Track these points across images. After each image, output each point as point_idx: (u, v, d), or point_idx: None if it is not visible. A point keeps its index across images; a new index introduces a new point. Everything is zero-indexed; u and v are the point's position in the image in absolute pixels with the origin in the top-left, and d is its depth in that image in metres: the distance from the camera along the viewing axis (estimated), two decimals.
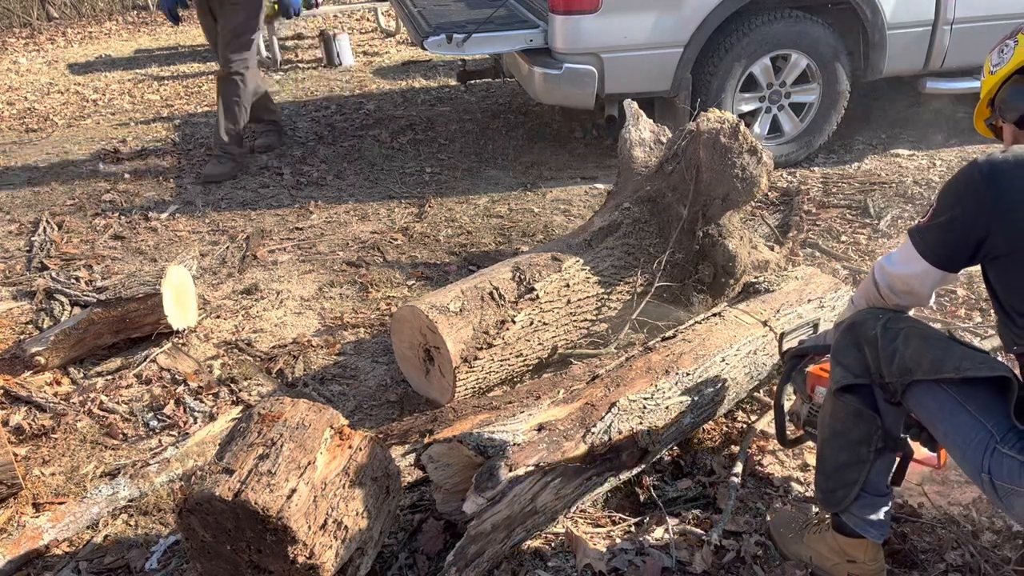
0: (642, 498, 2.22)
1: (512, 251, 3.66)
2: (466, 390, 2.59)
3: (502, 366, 2.65)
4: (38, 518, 2.24)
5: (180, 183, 4.70)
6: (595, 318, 2.86)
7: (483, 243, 3.83)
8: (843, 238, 3.71)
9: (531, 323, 2.67)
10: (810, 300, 2.66)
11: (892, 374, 1.68)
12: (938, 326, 2.84)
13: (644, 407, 2.16)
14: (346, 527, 1.75)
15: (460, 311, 2.56)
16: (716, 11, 4.04)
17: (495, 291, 2.64)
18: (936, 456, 1.92)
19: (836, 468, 1.82)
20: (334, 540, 1.72)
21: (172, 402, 2.75)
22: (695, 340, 2.42)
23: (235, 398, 2.77)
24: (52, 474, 2.44)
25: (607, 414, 2.10)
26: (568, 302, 2.76)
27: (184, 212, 4.31)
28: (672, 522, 2.11)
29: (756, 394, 2.59)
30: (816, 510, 2.13)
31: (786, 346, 2.20)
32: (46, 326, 3.13)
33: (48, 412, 2.70)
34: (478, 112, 5.86)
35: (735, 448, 2.41)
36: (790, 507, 2.18)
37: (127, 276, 3.32)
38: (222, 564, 1.76)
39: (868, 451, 1.76)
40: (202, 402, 2.76)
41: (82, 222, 4.19)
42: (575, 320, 2.80)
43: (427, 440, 2.08)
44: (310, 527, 1.67)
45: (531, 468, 1.93)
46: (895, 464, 1.83)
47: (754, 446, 2.40)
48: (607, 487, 2.16)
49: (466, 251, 3.76)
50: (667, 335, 2.47)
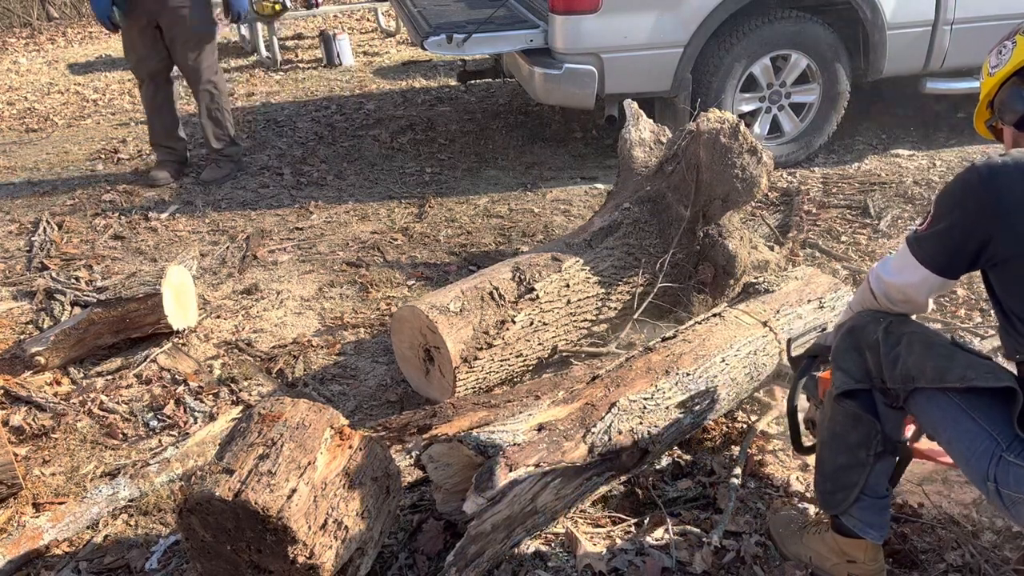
0: (642, 498, 2.22)
1: (512, 251, 3.66)
2: (466, 390, 2.59)
3: (502, 366, 2.65)
4: (38, 518, 2.24)
5: (180, 183, 4.70)
6: (595, 318, 2.86)
7: (483, 243, 3.83)
8: (843, 238, 3.71)
9: (531, 323, 2.67)
10: (810, 300, 2.66)
11: (895, 380, 1.67)
12: (938, 327, 2.84)
13: (644, 407, 2.16)
14: (346, 527, 1.75)
15: (460, 311, 2.56)
16: (716, 11, 4.05)
17: (495, 291, 2.64)
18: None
19: (835, 471, 1.82)
20: (334, 540, 1.72)
21: (172, 402, 2.75)
22: (695, 340, 2.42)
23: (235, 398, 2.77)
24: (52, 474, 2.44)
25: (607, 414, 2.10)
26: (568, 302, 2.76)
27: (184, 212, 4.31)
28: (672, 522, 2.11)
29: (756, 394, 2.59)
30: (816, 510, 2.13)
31: (795, 351, 2.17)
32: (46, 326, 3.13)
33: (48, 412, 2.70)
34: (478, 112, 5.86)
35: (735, 448, 2.41)
36: (790, 507, 2.18)
37: (127, 276, 3.32)
38: (222, 564, 1.76)
39: (868, 455, 1.75)
40: (202, 402, 2.76)
41: (82, 222, 4.19)
42: (575, 320, 2.80)
43: (426, 437, 2.08)
44: (310, 527, 1.67)
45: (531, 468, 1.93)
46: (895, 466, 1.82)
47: (754, 446, 2.40)
48: (607, 487, 2.16)
49: (466, 251, 3.76)
50: (667, 335, 2.47)
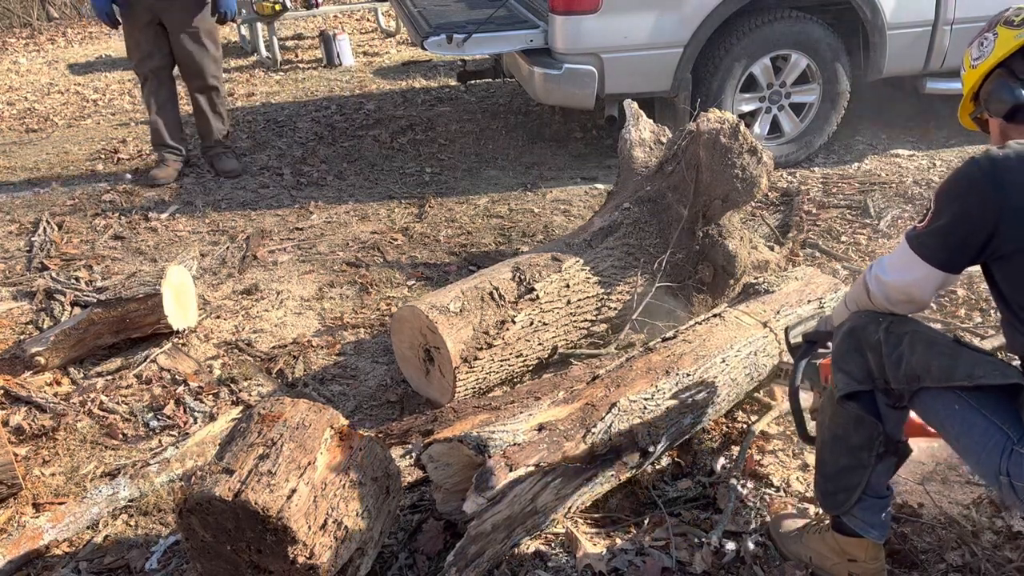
0: (642, 498, 2.22)
1: (512, 251, 3.66)
2: (466, 390, 2.59)
3: (502, 366, 2.65)
4: (38, 518, 2.24)
5: (180, 183, 4.70)
6: (595, 318, 2.86)
7: (483, 243, 3.83)
8: (843, 238, 3.71)
9: (531, 323, 2.67)
10: (810, 301, 2.66)
11: (899, 380, 1.66)
12: (938, 327, 2.84)
13: (644, 407, 2.16)
14: (346, 527, 1.75)
15: (460, 311, 2.56)
16: (716, 11, 4.04)
17: (495, 291, 2.64)
18: None
19: (837, 472, 1.81)
20: (334, 540, 1.72)
21: (172, 402, 2.75)
22: (695, 341, 2.42)
23: (235, 398, 2.77)
24: (52, 474, 2.44)
25: (607, 414, 2.10)
26: (568, 302, 2.76)
27: (184, 212, 4.31)
28: (672, 522, 2.11)
29: (756, 394, 2.59)
30: (816, 510, 2.13)
31: (793, 340, 2.14)
32: (46, 326, 3.13)
33: (48, 412, 2.70)
34: (478, 112, 5.86)
35: (735, 448, 2.41)
36: (790, 507, 2.18)
37: (127, 276, 3.32)
38: (222, 564, 1.76)
39: (869, 456, 1.75)
40: (202, 402, 2.76)
41: (82, 222, 4.19)
42: (575, 320, 2.80)
43: (427, 440, 2.08)
44: (310, 527, 1.67)
45: (531, 468, 1.93)
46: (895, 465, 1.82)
47: (754, 446, 2.40)
48: (607, 487, 2.16)
49: (466, 251, 3.76)
50: (667, 336, 2.47)
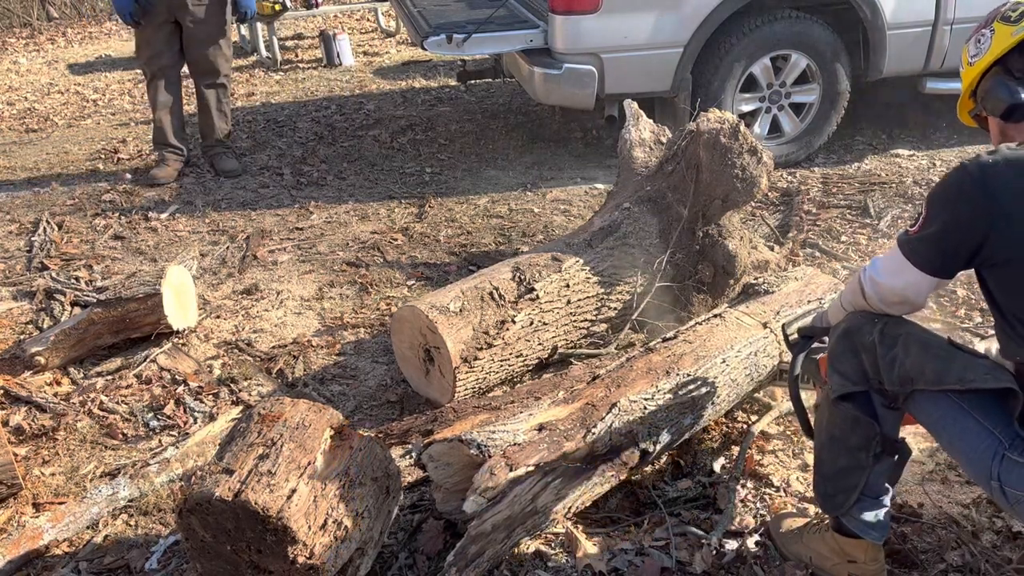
0: (642, 498, 2.22)
1: (512, 251, 3.66)
2: (466, 390, 2.59)
3: (502, 366, 2.65)
4: (38, 518, 2.24)
5: (180, 183, 4.70)
6: (595, 318, 2.86)
7: (483, 243, 3.83)
8: (843, 238, 3.71)
9: (531, 323, 2.67)
10: (810, 301, 2.65)
11: (892, 382, 1.66)
12: (938, 326, 2.84)
13: (645, 408, 2.16)
14: (346, 527, 1.75)
15: (460, 311, 2.56)
16: (716, 11, 4.05)
17: (495, 291, 2.64)
18: None
19: (836, 473, 1.81)
20: (334, 540, 1.72)
21: (172, 402, 2.75)
22: (696, 341, 2.42)
23: (235, 398, 2.77)
24: (52, 474, 2.44)
25: (608, 415, 2.10)
26: (568, 302, 2.76)
27: (184, 212, 4.31)
28: (672, 522, 2.11)
29: (756, 394, 2.59)
30: (815, 510, 2.13)
31: (790, 336, 2.10)
32: (46, 326, 3.12)
33: (48, 412, 2.69)
34: (478, 112, 5.86)
35: (735, 448, 2.41)
36: (790, 506, 2.18)
37: (127, 276, 3.32)
38: (222, 564, 1.76)
39: (867, 456, 1.75)
40: (202, 402, 2.76)
41: (82, 222, 4.19)
42: (575, 320, 2.80)
43: (427, 440, 2.08)
44: (310, 527, 1.67)
45: (531, 468, 1.92)
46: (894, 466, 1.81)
47: (754, 446, 2.40)
48: (607, 487, 2.16)
49: (466, 251, 3.76)
50: (668, 336, 2.47)
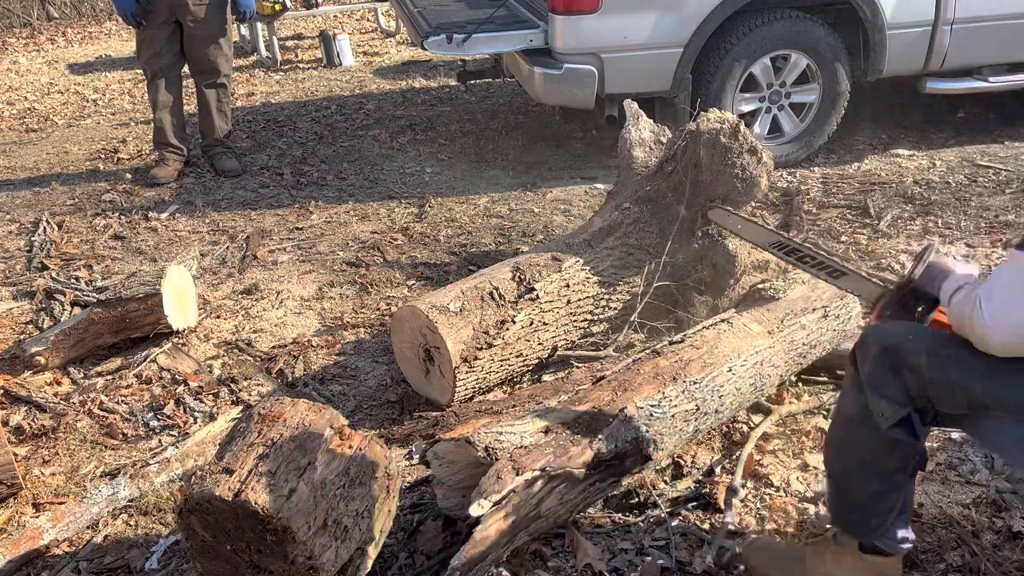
0: (642, 498, 2.22)
1: (512, 251, 3.66)
2: (466, 390, 2.59)
3: (502, 366, 2.65)
4: (38, 518, 2.24)
5: (180, 183, 4.70)
6: (595, 318, 2.86)
7: (483, 243, 3.83)
8: (843, 238, 3.71)
9: (531, 323, 2.67)
10: (814, 309, 2.64)
11: (956, 406, 1.54)
12: None
13: (651, 414, 2.15)
14: (346, 527, 1.74)
15: (460, 311, 2.56)
16: (716, 11, 4.04)
17: (495, 291, 2.64)
18: None
19: (869, 498, 1.70)
20: (334, 540, 1.72)
21: (172, 402, 2.75)
22: (703, 347, 2.40)
23: (235, 398, 2.77)
24: (52, 474, 2.44)
25: (614, 420, 2.09)
26: (568, 302, 2.76)
27: (184, 212, 4.32)
28: (672, 522, 2.11)
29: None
30: (805, 538, 2.04)
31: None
32: (46, 326, 3.12)
33: (48, 412, 2.70)
34: (478, 112, 5.86)
35: (736, 448, 2.41)
36: (762, 536, 2.09)
37: (127, 276, 3.32)
38: (222, 564, 1.76)
39: (904, 476, 1.67)
40: (202, 402, 2.76)
41: (82, 222, 4.19)
42: (575, 320, 2.80)
43: (431, 440, 2.08)
44: (310, 527, 1.67)
45: (537, 473, 1.92)
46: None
47: (754, 446, 2.40)
48: (610, 492, 2.16)
49: (466, 251, 3.76)
50: (675, 339, 2.45)
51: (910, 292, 1.73)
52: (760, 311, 2.62)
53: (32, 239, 3.98)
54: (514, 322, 2.62)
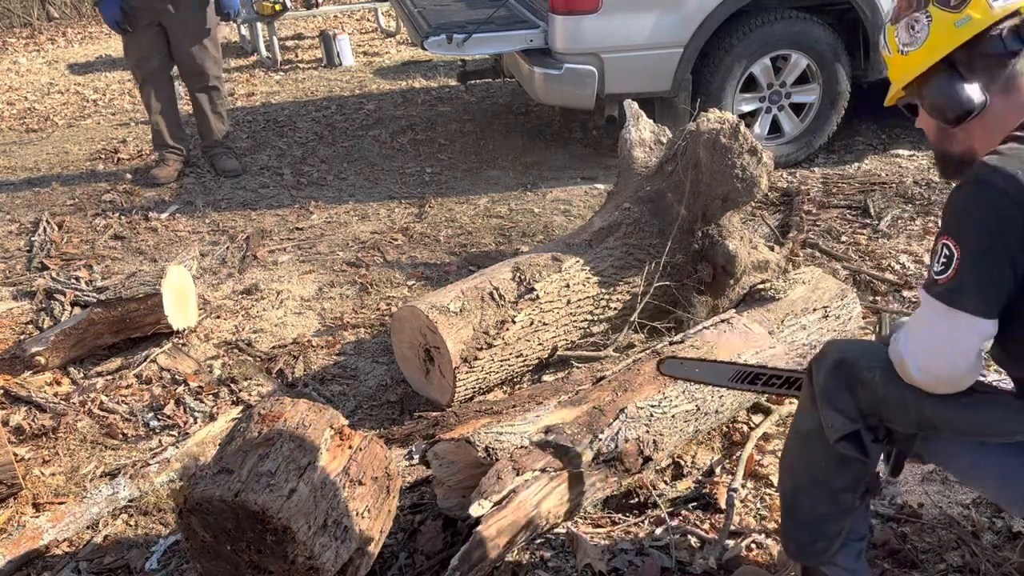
0: (642, 498, 2.22)
1: (512, 251, 3.66)
2: (466, 390, 2.59)
3: (502, 366, 2.65)
4: (38, 518, 2.24)
5: (180, 183, 4.70)
6: (595, 318, 2.86)
7: (483, 243, 3.83)
8: (843, 238, 3.71)
9: (531, 323, 2.67)
10: (815, 310, 2.63)
11: (908, 426, 1.50)
12: None
13: (651, 415, 2.16)
14: (346, 527, 1.75)
15: (460, 311, 2.56)
16: (716, 11, 4.04)
17: (495, 291, 2.64)
18: None
19: (817, 520, 1.65)
20: (334, 540, 1.72)
21: (172, 402, 2.75)
22: (703, 348, 2.40)
23: (235, 398, 2.77)
24: (52, 474, 2.44)
25: (615, 420, 2.09)
26: (568, 302, 2.76)
27: (184, 212, 4.32)
28: (672, 522, 2.11)
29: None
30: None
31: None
32: (46, 326, 3.12)
33: (48, 412, 2.70)
34: (478, 112, 5.86)
35: (736, 449, 2.41)
36: (753, 565, 2.03)
37: (127, 276, 3.31)
38: (222, 564, 1.76)
39: (853, 498, 1.61)
40: (202, 402, 2.76)
41: (82, 222, 4.19)
42: (575, 320, 2.80)
43: (431, 441, 2.08)
44: (310, 527, 1.67)
45: (538, 473, 1.92)
46: (891, 460, 1.64)
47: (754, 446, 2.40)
48: (609, 492, 2.16)
49: (466, 251, 3.76)
50: (675, 339, 2.45)
51: None
52: (760, 311, 2.62)
53: (32, 239, 3.98)
54: (514, 322, 2.62)
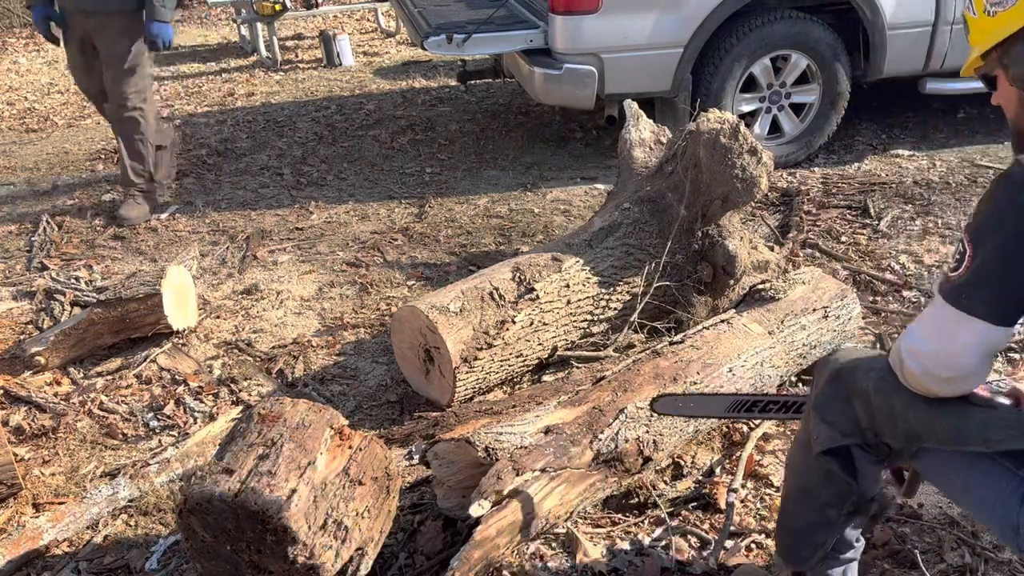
0: (642, 498, 2.23)
1: (512, 251, 3.66)
2: (466, 390, 2.59)
3: (502, 366, 2.65)
4: (38, 518, 2.24)
5: (180, 183, 4.70)
6: (595, 318, 2.86)
7: (483, 243, 3.83)
8: (843, 238, 3.71)
9: (531, 323, 2.67)
10: (815, 310, 2.63)
11: (896, 438, 1.45)
12: None
13: (651, 415, 2.16)
14: (346, 527, 1.75)
15: (460, 311, 2.56)
16: (716, 11, 4.04)
17: (495, 291, 2.64)
18: None
19: (802, 527, 1.65)
20: (334, 540, 1.72)
21: (172, 402, 2.75)
22: (703, 348, 2.40)
23: (235, 398, 2.77)
24: (52, 474, 2.44)
25: (615, 421, 2.09)
26: (568, 302, 2.76)
27: (184, 212, 4.32)
28: (672, 522, 2.11)
29: None
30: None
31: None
32: (46, 326, 3.12)
33: (48, 412, 2.70)
34: (478, 112, 5.86)
35: (736, 449, 2.41)
36: (753, 564, 2.03)
37: (127, 276, 3.32)
38: (222, 564, 1.76)
39: (838, 515, 1.58)
40: (202, 402, 2.76)
41: (82, 222, 4.19)
42: (575, 320, 2.80)
43: (431, 441, 2.08)
44: (310, 527, 1.67)
45: (537, 473, 1.92)
46: (907, 480, 1.61)
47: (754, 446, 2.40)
48: (609, 492, 2.16)
49: (466, 251, 3.76)
50: (675, 339, 2.45)
51: None
52: (760, 311, 2.62)
53: (32, 239, 3.98)
54: (514, 322, 2.62)
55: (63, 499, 2.33)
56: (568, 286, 2.76)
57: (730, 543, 2.05)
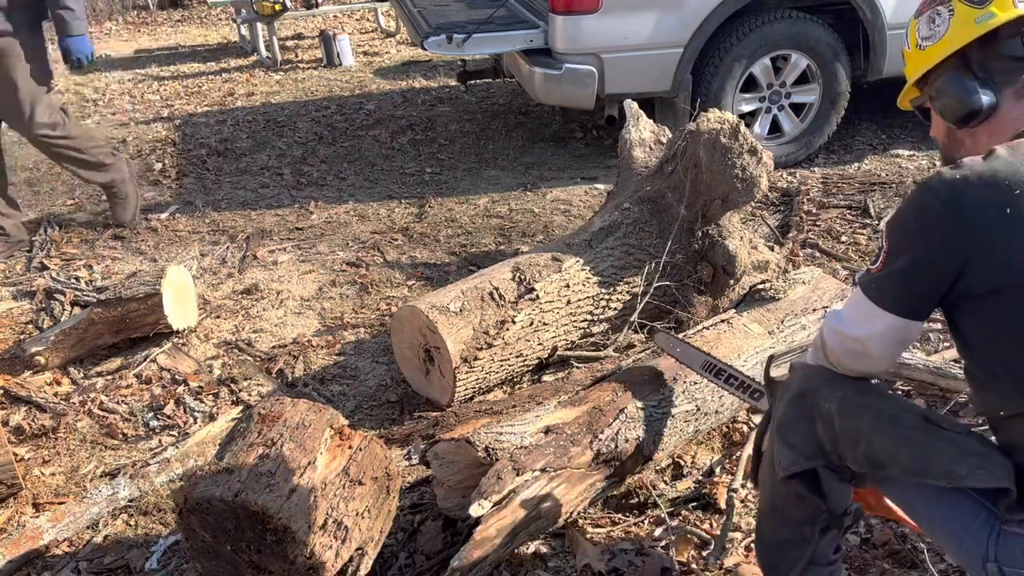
0: (642, 498, 2.23)
1: (512, 251, 3.66)
2: (466, 390, 2.59)
3: (502, 366, 2.65)
4: (38, 518, 2.24)
5: (180, 183, 4.70)
6: (595, 318, 2.86)
7: (483, 243, 3.83)
8: (843, 238, 3.71)
9: (531, 323, 2.67)
10: (815, 310, 2.63)
11: (859, 463, 1.41)
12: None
13: (651, 415, 2.16)
14: (346, 527, 1.75)
15: (460, 311, 2.56)
16: (716, 11, 4.05)
17: (495, 291, 2.64)
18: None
19: (777, 544, 1.63)
20: (334, 540, 1.72)
21: (172, 402, 2.75)
22: (703, 347, 2.40)
23: (235, 398, 2.77)
24: (52, 474, 2.44)
25: (615, 420, 2.09)
26: (568, 302, 2.76)
27: (184, 212, 4.32)
28: (672, 522, 2.11)
29: None
30: None
31: (775, 371, 1.82)
32: (46, 326, 3.12)
33: (48, 412, 2.70)
34: (478, 112, 5.86)
35: (736, 449, 2.41)
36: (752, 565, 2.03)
37: (127, 276, 3.31)
38: (222, 564, 1.76)
39: (812, 531, 1.56)
40: (202, 402, 2.76)
41: (82, 222, 4.19)
42: (575, 320, 2.80)
43: (431, 441, 2.08)
44: (310, 527, 1.67)
45: (537, 473, 1.92)
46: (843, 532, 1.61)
47: None
48: (609, 492, 2.16)
49: (466, 251, 3.76)
50: None
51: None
52: (760, 311, 2.62)
53: (32, 239, 3.98)
54: (514, 322, 2.62)
55: (63, 499, 2.33)
56: (568, 286, 2.76)
57: (730, 543, 2.05)
